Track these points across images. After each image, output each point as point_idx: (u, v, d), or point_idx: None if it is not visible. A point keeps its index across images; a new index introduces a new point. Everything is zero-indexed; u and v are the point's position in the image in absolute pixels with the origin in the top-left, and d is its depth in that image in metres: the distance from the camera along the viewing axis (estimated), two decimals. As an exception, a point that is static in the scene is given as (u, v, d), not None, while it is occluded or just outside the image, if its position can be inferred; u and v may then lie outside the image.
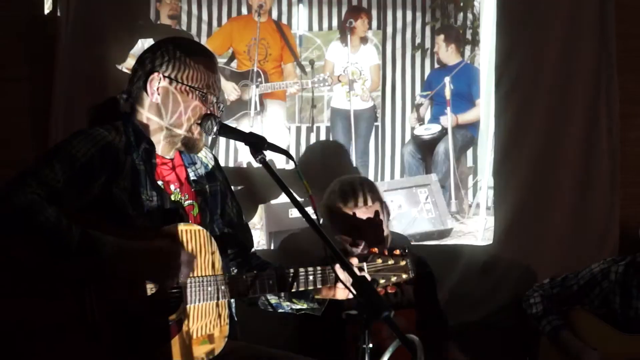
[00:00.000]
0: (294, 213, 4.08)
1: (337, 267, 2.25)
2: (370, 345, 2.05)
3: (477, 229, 4.33)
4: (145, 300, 2.13)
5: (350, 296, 2.28)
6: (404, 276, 2.42)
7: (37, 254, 2.05)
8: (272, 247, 4.14)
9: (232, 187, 2.56)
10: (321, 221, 2.87)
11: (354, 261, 2.38)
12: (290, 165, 3.74)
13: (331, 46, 4.34)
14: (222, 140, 4.14)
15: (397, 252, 2.44)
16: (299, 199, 2.17)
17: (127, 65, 3.94)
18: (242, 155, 4.17)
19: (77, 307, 2.06)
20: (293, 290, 2.34)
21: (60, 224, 2.04)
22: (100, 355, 2.07)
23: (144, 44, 4.00)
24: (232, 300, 2.39)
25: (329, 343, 3.02)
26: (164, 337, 2.14)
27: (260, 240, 4.14)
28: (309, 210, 2.14)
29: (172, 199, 2.31)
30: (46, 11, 3.91)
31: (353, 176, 3.33)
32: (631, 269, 3.57)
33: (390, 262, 2.42)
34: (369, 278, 2.36)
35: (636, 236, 3.66)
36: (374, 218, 3.08)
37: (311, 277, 2.34)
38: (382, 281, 2.40)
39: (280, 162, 3.91)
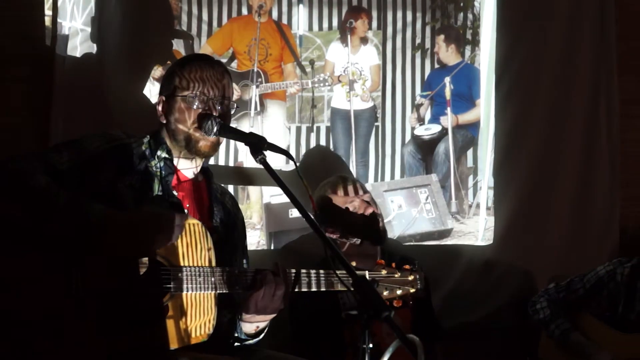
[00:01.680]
0: (294, 213, 4.08)
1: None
2: (371, 345, 2.05)
3: (477, 229, 4.33)
4: (138, 279, 2.14)
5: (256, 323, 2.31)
6: (412, 291, 2.40)
7: (30, 229, 2.09)
8: (272, 247, 4.14)
9: (232, 186, 2.57)
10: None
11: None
12: (291, 166, 3.74)
13: (331, 46, 4.33)
14: (222, 140, 4.13)
15: (407, 266, 2.43)
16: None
17: (154, 75, 4.02)
18: (242, 155, 4.17)
19: (65, 282, 2.08)
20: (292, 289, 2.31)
21: (49, 188, 2.10)
22: (89, 331, 2.08)
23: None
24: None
25: (327, 343, 3.02)
26: (156, 318, 2.15)
27: (260, 240, 4.14)
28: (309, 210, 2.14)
29: None
30: (46, 11, 3.91)
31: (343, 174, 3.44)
32: (638, 270, 3.54)
33: (397, 275, 2.40)
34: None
35: (636, 236, 3.66)
36: (364, 209, 3.14)
37: (314, 279, 2.32)
38: (385, 293, 2.38)
39: (280, 162, 3.91)
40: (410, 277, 2.41)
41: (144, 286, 2.13)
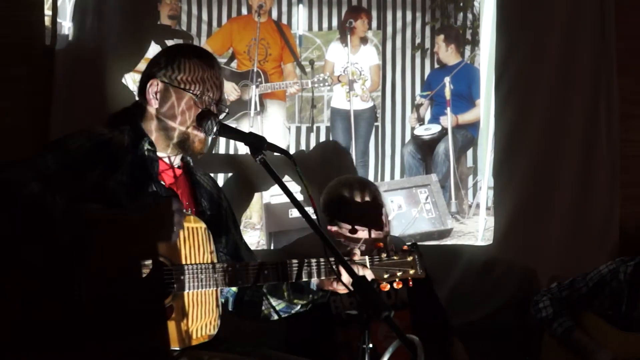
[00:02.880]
0: (294, 213, 4.08)
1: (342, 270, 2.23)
2: (370, 345, 2.05)
3: (477, 229, 4.33)
4: (139, 281, 2.13)
5: (346, 290, 2.28)
6: (411, 272, 2.40)
7: (31, 235, 2.08)
8: (272, 247, 4.14)
9: (226, 174, 2.56)
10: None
11: (356, 254, 2.35)
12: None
13: (331, 46, 4.34)
14: (222, 139, 4.14)
15: (405, 247, 2.43)
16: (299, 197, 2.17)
17: (138, 68, 3.98)
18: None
19: (66, 285, 2.07)
20: (295, 280, 2.31)
21: (44, 195, 2.08)
22: (90, 334, 2.07)
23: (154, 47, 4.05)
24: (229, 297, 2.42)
25: (319, 343, 3.02)
26: (159, 319, 2.14)
27: (260, 240, 4.14)
28: (309, 210, 2.14)
29: None
30: (46, 12, 3.91)
31: (352, 176, 3.39)
32: None
33: (396, 257, 2.40)
34: (370, 276, 2.35)
35: (636, 236, 3.65)
36: (371, 202, 3.11)
37: (315, 268, 2.32)
38: (386, 276, 2.38)
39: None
40: (409, 258, 2.41)
41: (146, 287, 2.13)
